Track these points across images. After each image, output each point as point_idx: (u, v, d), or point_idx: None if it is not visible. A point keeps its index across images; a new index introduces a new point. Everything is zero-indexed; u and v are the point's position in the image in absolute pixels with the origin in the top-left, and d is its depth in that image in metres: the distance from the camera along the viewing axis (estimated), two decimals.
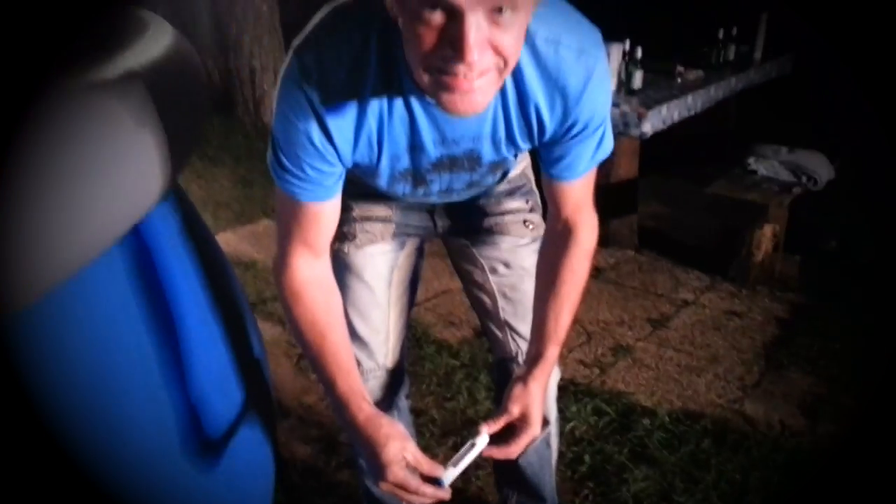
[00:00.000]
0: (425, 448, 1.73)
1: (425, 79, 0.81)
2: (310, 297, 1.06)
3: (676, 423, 1.94)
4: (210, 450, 1.23)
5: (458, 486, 1.72)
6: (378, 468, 1.01)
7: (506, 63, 0.80)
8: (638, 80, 2.98)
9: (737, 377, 2.21)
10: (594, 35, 0.94)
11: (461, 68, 0.76)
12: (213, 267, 1.39)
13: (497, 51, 0.77)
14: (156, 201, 1.04)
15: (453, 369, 2.22)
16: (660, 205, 3.66)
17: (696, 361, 2.31)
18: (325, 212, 1.02)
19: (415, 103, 0.93)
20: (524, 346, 1.29)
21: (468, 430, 1.90)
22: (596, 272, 2.98)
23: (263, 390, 1.52)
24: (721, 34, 3.49)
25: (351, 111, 0.92)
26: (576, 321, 2.58)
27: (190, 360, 1.20)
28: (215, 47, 4.58)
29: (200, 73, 1.46)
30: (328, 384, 1.07)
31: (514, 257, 1.30)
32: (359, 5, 0.90)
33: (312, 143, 0.93)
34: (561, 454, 1.80)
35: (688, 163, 3.96)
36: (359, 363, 1.22)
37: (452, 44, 0.74)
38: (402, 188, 1.11)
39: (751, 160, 2.90)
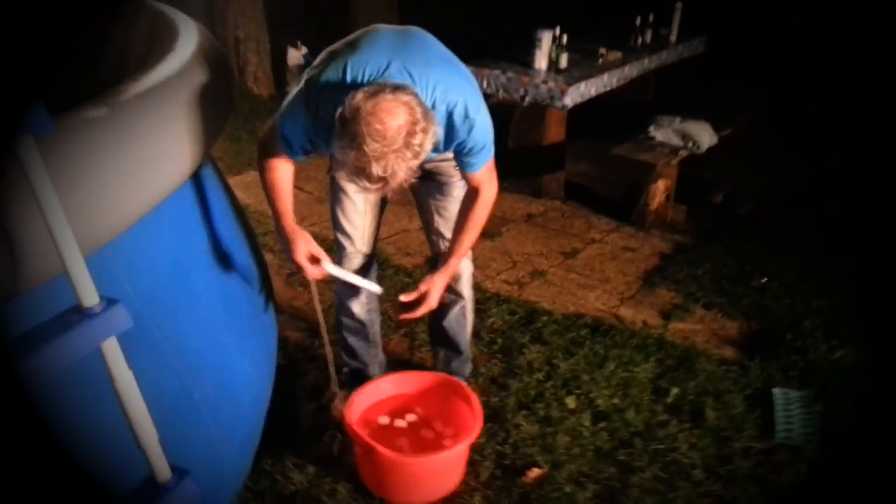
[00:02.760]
0: (384, 333, 2.42)
1: None
2: (273, 167, 1.74)
3: (566, 320, 2.68)
4: (253, 317, 1.93)
5: (406, 356, 2.43)
6: (292, 252, 1.75)
7: None
8: (564, 61, 3.65)
9: (618, 292, 2.95)
10: (476, 100, 1.61)
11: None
12: (233, 198, 2.06)
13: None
14: (206, 155, 1.70)
15: (407, 285, 2.91)
16: (587, 164, 4.35)
17: (591, 282, 3.04)
18: (293, 162, 1.73)
19: None
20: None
21: (415, 324, 2.61)
22: (527, 217, 3.70)
23: (269, 285, 2.21)
24: (638, 21, 4.16)
25: (327, 129, 1.56)
26: (506, 252, 3.30)
27: (234, 261, 1.89)
28: (203, 20, 5.11)
29: (227, 60, 2.09)
30: (273, 207, 1.79)
31: (447, 189, 1.98)
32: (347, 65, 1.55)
33: (299, 135, 1.62)
34: (480, 338, 2.52)
35: (617, 129, 4.66)
36: (344, 248, 1.93)
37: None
38: None
39: (651, 128, 3.61)
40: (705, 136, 3.50)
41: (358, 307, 2.12)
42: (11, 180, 1.03)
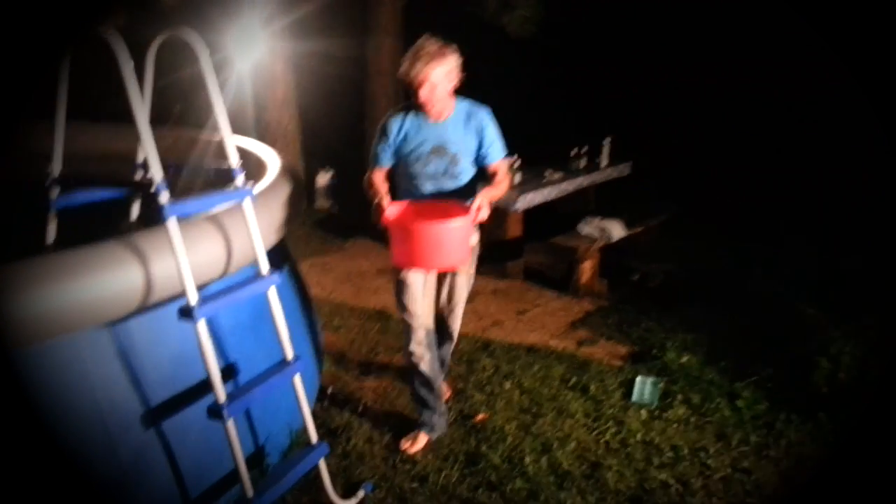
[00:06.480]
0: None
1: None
2: (375, 179, 3.02)
3: (511, 346, 4.01)
4: (310, 321, 3.29)
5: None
6: (380, 201, 2.86)
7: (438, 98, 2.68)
8: (517, 178, 5.19)
9: (550, 332, 4.30)
10: (490, 115, 2.89)
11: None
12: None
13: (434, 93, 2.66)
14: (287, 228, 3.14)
15: None
16: (540, 253, 5.79)
17: (533, 327, 4.39)
18: (383, 170, 2.99)
19: (420, 121, 2.89)
20: None
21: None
22: (494, 291, 5.09)
23: (316, 316, 3.57)
24: (573, 152, 5.75)
25: (398, 126, 2.87)
26: (475, 311, 4.72)
27: (300, 295, 3.29)
28: None
29: (299, 173, 3.57)
30: (372, 192, 2.87)
31: (456, 280, 3.26)
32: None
33: (385, 149, 2.88)
34: (453, 355, 3.83)
35: (564, 229, 6.14)
36: (410, 324, 3.01)
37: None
38: (419, 166, 3.09)
39: (580, 225, 5.08)
40: (616, 230, 4.96)
41: (425, 366, 2.96)
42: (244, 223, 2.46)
